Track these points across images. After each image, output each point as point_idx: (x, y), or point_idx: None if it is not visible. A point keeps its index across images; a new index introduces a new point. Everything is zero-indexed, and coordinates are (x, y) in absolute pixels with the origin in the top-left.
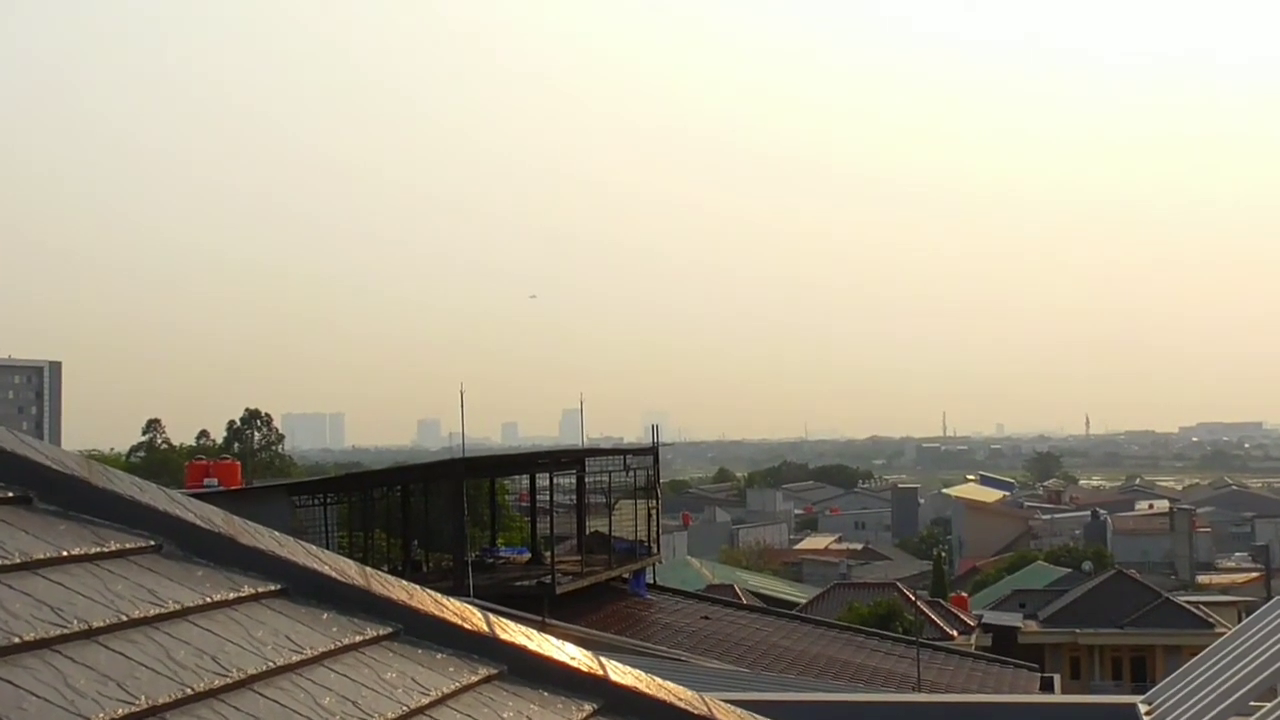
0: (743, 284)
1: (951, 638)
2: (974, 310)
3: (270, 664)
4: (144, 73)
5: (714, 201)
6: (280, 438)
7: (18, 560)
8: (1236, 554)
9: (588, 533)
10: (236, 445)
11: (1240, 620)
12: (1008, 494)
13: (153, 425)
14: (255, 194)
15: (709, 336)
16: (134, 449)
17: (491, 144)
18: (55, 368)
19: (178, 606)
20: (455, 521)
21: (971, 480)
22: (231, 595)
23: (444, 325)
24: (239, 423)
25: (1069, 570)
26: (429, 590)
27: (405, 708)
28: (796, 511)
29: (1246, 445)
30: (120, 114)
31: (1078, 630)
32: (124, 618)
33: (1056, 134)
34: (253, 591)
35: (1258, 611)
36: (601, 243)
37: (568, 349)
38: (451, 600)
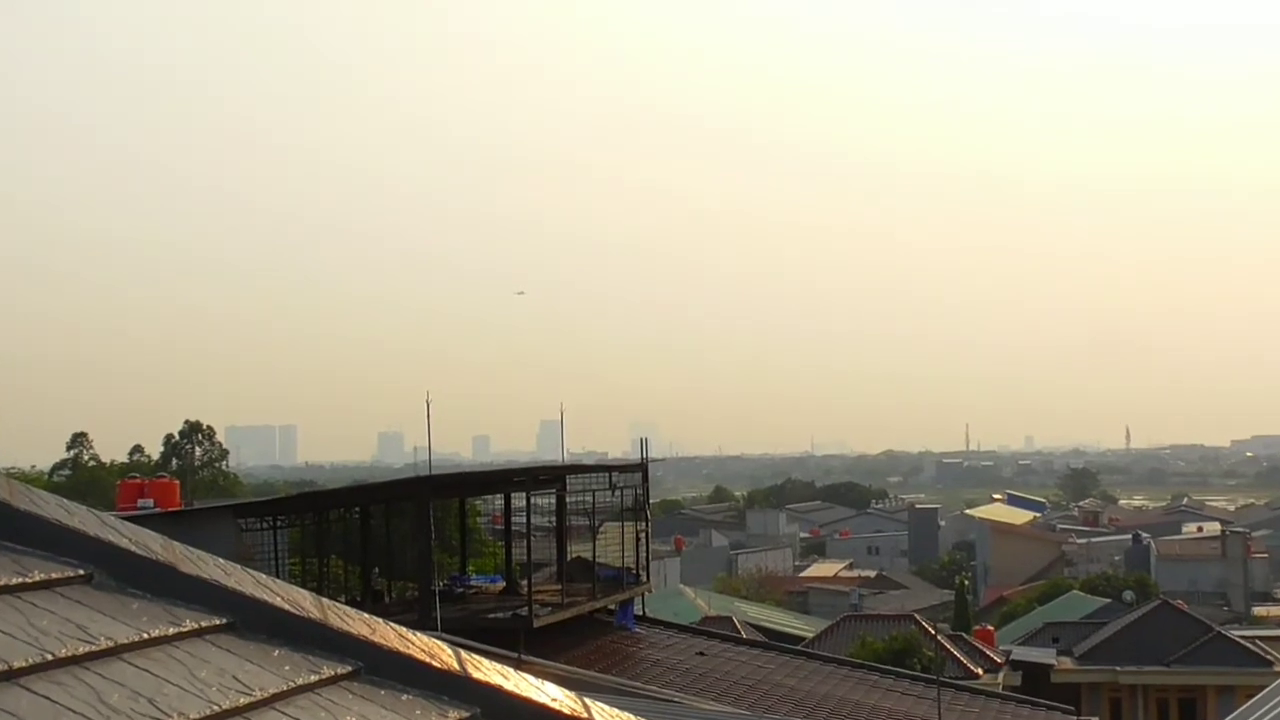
0: (740, 282)
1: (976, 676)
2: (1000, 311)
3: (215, 707)
4: (93, 57)
5: (708, 193)
6: (224, 453)
7: None
8: None
9: (569, 559)
10: (175, 462)
11: None
12: (1039, 515)
13: (79, 440)
14: (193, 185)
15: (703, 340)
16: (57, 466)
17: (460, 133)
18: None
19: (110, 644)
20: (421, 546)
21: (998, 499)
22: (171, 630)
23: (409, 329)
24: (177, 436)
25: (1108, 601)
26: (392, 624)
27: None
28: (802, 535)
29: None
30: (52, 100)
31: (1118, 668)
32: (49, 656)
33: (1092, 122)
34: (195, 626)
35: None
36: (583, 238)
37: (546, 355)
38: (418, 635)
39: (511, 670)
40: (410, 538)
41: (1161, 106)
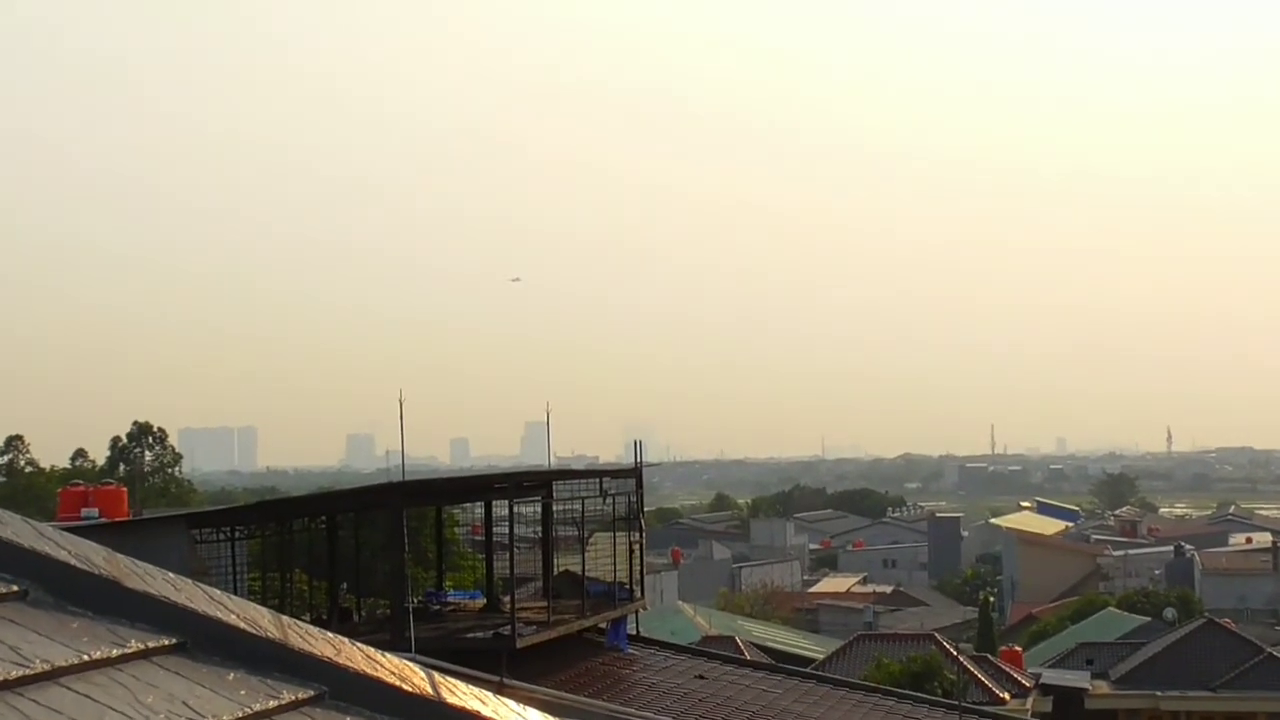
0: (744, 275)
1: (1002, 701)
2: (1029, 305)
3: None
4: (43, 56)
5: (707, 182)
6: (177, 458)
7: None
8: None
9: (556, 573)
10: (122, 467)
11: None
12: (1071, 525)
13: (13, 443)
14: (141, 181)
15: (703, 336)
16: None
17: (436, 123)
18: None
19: (47, 666)
20: (393, 560)
21: (1026, 508)
22: (115, 652)
23: (381, 323)
24: (125, 440)
25: (1147, 619)
26: (360, 644)
27: None
28: (812, 546)
29: None
30: None
31: (1158, 693)
32: None
33: (1125, 112)
34: (141, 647)
35: None
36: (572, 228)
37: (531, 352)
38: (388, 656)
39: (491, 695)
40: (381, 550)
41: (1206, 94)
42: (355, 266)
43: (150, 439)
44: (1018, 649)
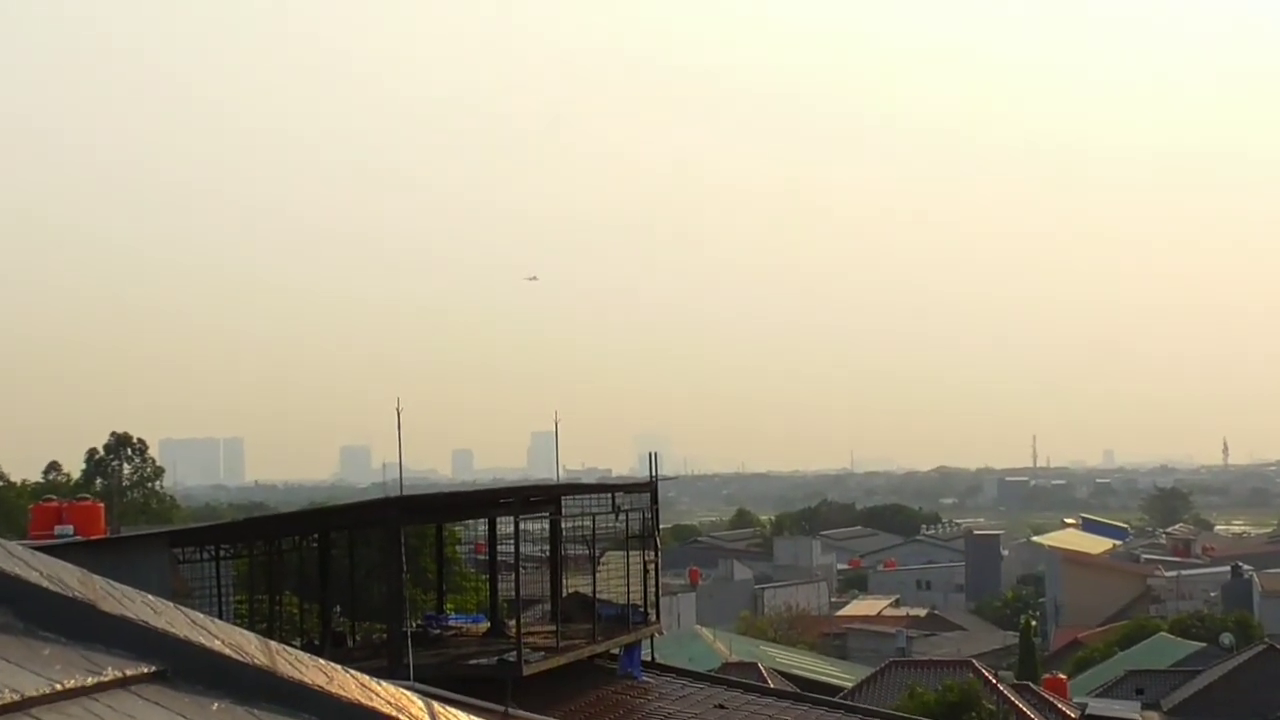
0: (766, 276)
1: None
2: (1073, 306)
3: None
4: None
5: (727, 173)
6: (158, 471)
7: None
8: None
9: (565, 595)
10: (99, 481)
11: None
12: (1119, 543)
13: None
14: (123, 171)
15: (722, 341)
16: None
17: (449, 118)
18: None
19: (17, 697)
20: (391, 580)
21: (1071, 525)
22: (90, 680)
23: (377, 327)
24: (101, 451)
25: (1202, 645)
26: (354, 671)
27: None
28: (840, 566)
29: None
30: None
31: None
32: None
33: (1184, 95)
34: (119, 675)
35: None
36: (583, 227)
37: (539, 358)
38: (385, 685)
39: None
40: (378, 570)
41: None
42: (351, 264)
43: (129, 451)
44: (1062, 677)
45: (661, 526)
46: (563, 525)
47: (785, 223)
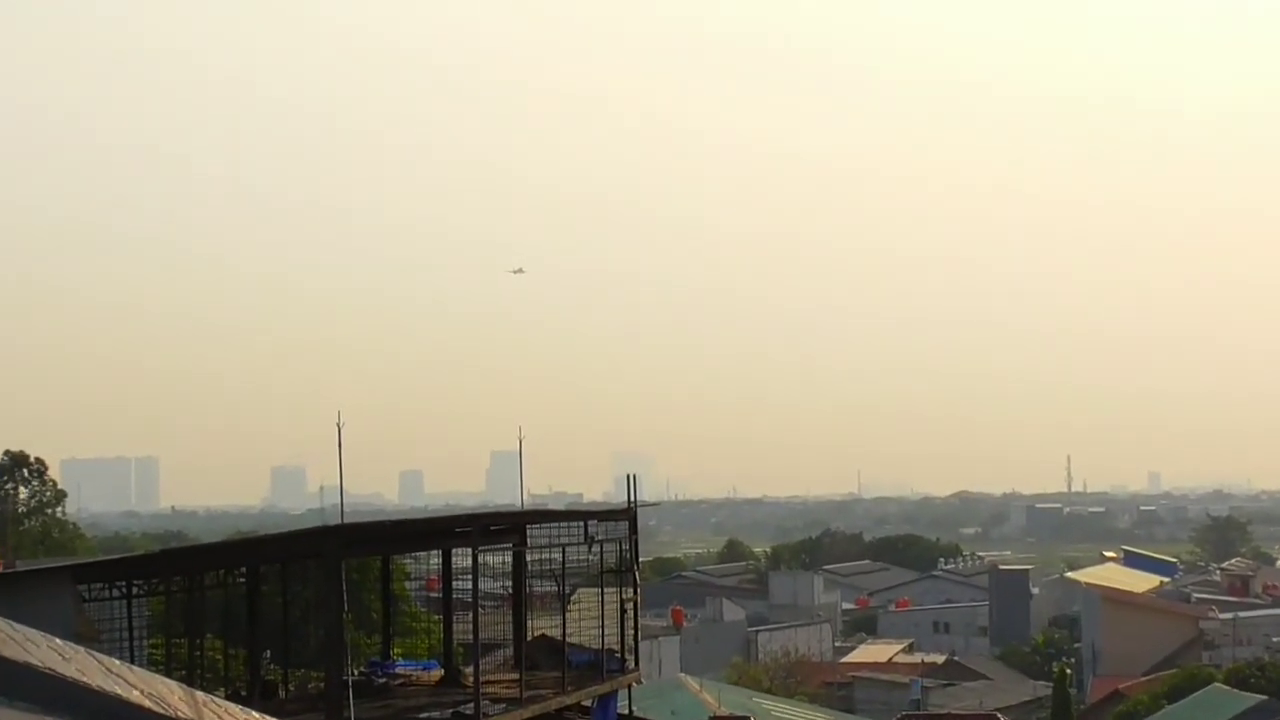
0: (760, 277)
1: None
2: (1109, 309)
3: None
4: None
5: (734, 143)
6: (60, 495)
7: None
8: None
9: (530, 638)
10: None
11: None
12: (1167, 580)
13: None
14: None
15: (711, 350)
16: None
17: (411, 102)
18: None
19: None
20: (329, 622)
21: (1111, 559)
22: None
23: (315, 333)
24: None
25: (1263, 698)
26: None
27: None
28: (845, 606)
29: None
30: None
31: None
32: None
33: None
34: None
35: None
36: (556, 220)
37: (501, 368)
38: None
39: None
40: (314, 610)
41: None
42: (284, 258)
43: (25, 472)
44: None
45: (641, 559)
46: (528, 558)
47: (779, 219)
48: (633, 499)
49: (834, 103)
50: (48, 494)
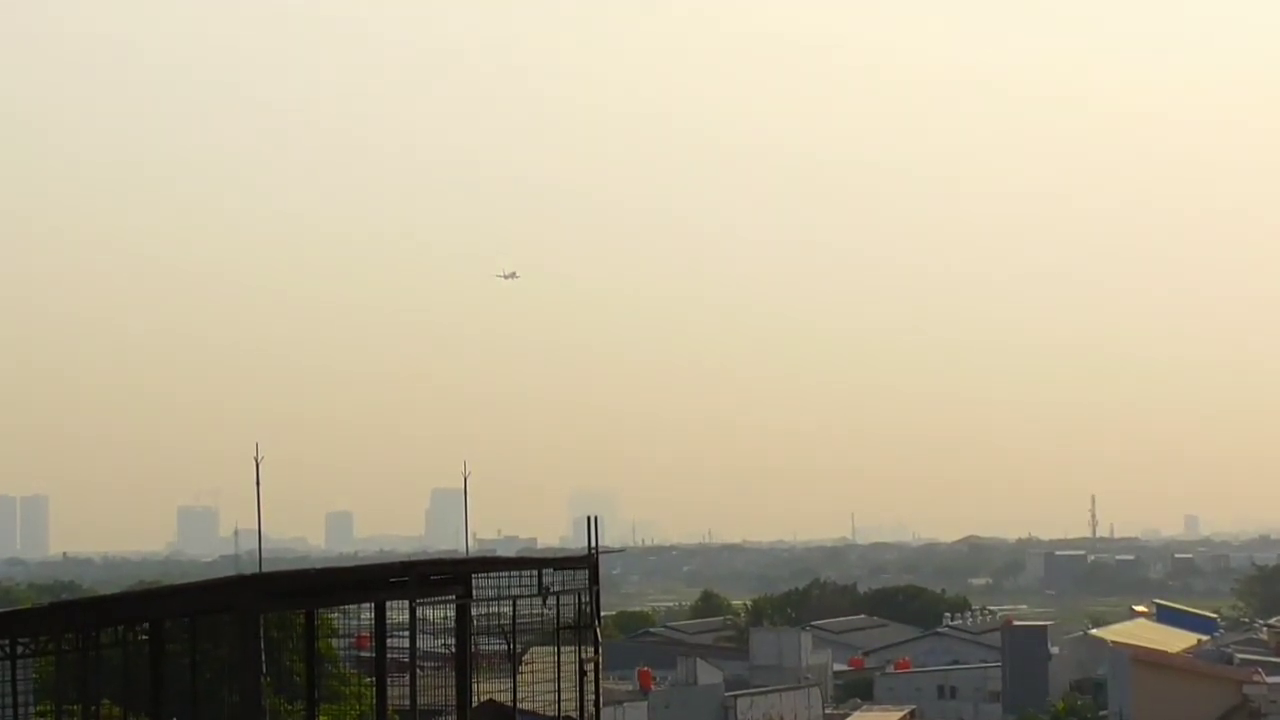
0: (741, 302)
1: None
2: (1139, 328)
3: None
4: None
5: (698, 158)
6: None
7: None
8: None
9: (476, 703)
10: None
11: None
12: (1206, 638)
13: None
14: None
15: (683, 372)
16: None
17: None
18: None
19: None
20: (245, 685)
21: (1142, 614)
22: None
23: (227, 355)
24: None
25: None
26: None
27: None
28: (838, 667)
29: None
30: None
31: None
32: None
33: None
34: None
35: None
36: (525, 230)
37: (443, 396)
38: None
39: None
40: (228, 672)
41: None
42: (193, 273)
43: None
44: None
45: (604, 614)
46: (473, 612)
47: (761, 241)
48: (593, 544)
49: (824, 107)
50: None
